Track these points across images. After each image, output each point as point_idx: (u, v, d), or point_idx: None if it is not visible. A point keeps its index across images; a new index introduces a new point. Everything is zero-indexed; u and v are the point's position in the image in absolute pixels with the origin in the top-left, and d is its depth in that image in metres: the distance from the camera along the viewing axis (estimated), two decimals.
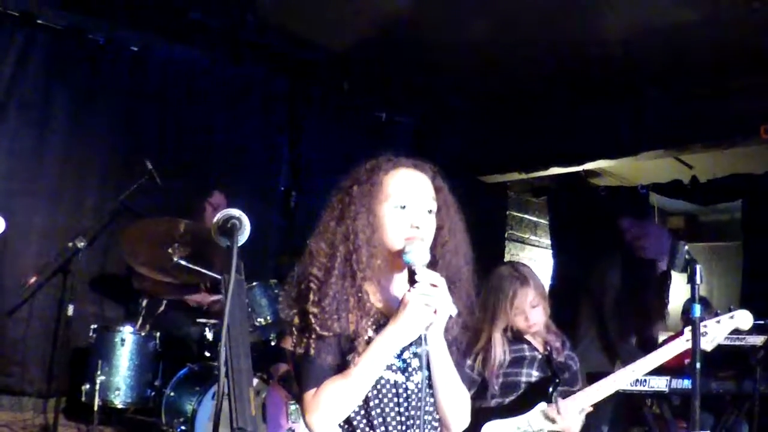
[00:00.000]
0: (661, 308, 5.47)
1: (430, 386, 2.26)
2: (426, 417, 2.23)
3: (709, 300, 6.69)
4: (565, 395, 3.62)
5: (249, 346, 1.61)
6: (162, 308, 5.53)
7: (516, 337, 3.79)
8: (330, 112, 7.41)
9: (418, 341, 2.11)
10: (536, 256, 9.19)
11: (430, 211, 2.26)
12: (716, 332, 3.57)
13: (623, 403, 4.94)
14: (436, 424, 2.30)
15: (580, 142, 7.28)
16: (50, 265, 5.58)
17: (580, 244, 7.95)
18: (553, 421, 3.56)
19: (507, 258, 8.51)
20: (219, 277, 2.11)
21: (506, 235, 8.81)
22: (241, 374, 1.50)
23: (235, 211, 1.87)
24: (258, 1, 5.93)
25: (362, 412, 2.17)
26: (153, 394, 5.08)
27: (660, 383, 4.49)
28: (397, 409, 2.20)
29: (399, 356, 2.22)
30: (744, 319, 3.59)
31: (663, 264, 5.33)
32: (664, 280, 5.38)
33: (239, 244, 1.84)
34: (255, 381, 4.71)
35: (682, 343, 3.53)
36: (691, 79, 6.48)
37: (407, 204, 2.23)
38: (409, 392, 2.21)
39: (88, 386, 4.94)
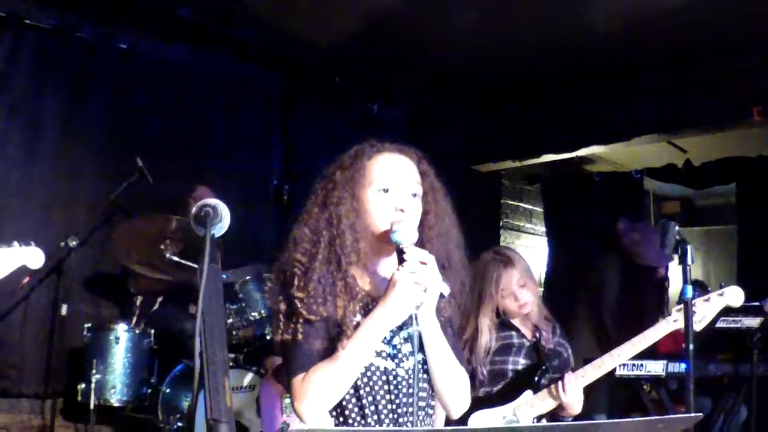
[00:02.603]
0: (659, 313, 5.47)
1: (425, 371, 2.23)
2: (420, 403, 2.20)
3: (706, 284, 6.69)
4: (555, 382, 3.60)
5: (225, 337, 1.59)
6: (157, 305, 5.52)
7: (504, 324, 3.78)
8: (321, 105, 7.38)
9: (409, 324, 2.09)
10: (532, 243, 9.18)
11: (414, 195, 2.25)
12: (706, 310, 3.54)
13: (620, 389, 4.93)
14: (430, 410, 2.28)
15: (572, 129, 7.28)
16: (43, 265, 5.55)
17: (574, 231, 7.95)
18: (557, 397, 3.53)
19: None
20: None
21: (501, 224, 8.80)
22: (216, 365, 1.48)
23: (211, 200, 1.84)
24: None
25: (353, 399, 2.15)
26: (149, 391, 5.08)
27: (657, 368, 4.48)
28: (388, 396, 2.17)
29: (389, 342, 2.20)
30: (735, 295, 3.55)
31: (662, 270, 5.30)
32: (662, 285, 5.37)
33: (219, 233, 1.81)
34: (250, 375, 4.72)
35: (669, 324, 3.50)
36: (682, 63, 6.46)
37: (390, 187, 2.22)
38: (399, 379, 2.19)
39: (83, 386, 4.93)
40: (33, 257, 3.83)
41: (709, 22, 5.74)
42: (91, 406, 4.84)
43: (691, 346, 2.98)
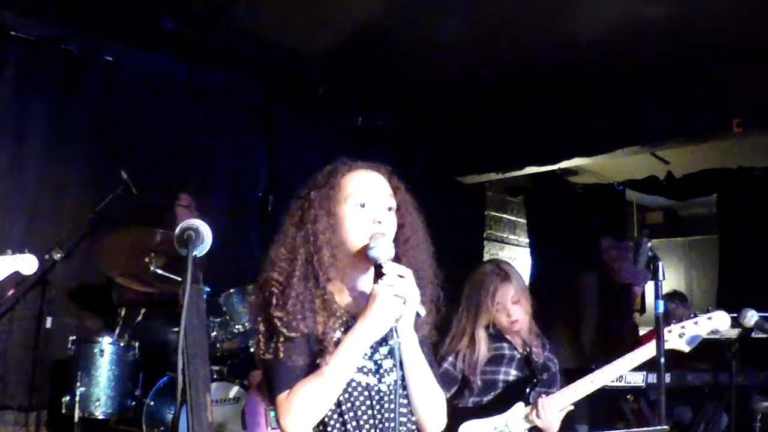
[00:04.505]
0: (634, 331, 5.54)
1: (404, 386, 2.25)
2: (401, 419, 2.22)
3: (686, 294, 6.75)
4: (545, 396, 3.63)
5: (207, 353, 1.62)
6: (140, 318, 5.53)
7: (497, 335, 3.82)
8: (306, 116, 7.41)
9: (390, 337, 2.12)
10: (515, 255, 9.23)
11: (389, 208, 2.29)
12: (694, 333, 3.61)
13: (602, 399, 4.97)
14: (411, 426, 2.29)
15: (555, 141, 7.33)
16: (28, 277, 5.55)
17: (557, 242, 8.00)
18: (531, 421, 3.58)
19: (486, 258, 8.54)
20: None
21: (485, 235, 8.85)
22: (197, 381, 1.52)
23: (195, 222, 1.88)
24: (231, 8, 5.93)
25: (335, 416, 2.16)
26: (133, 404, 5.07)
27: (637, 378, 4.52)
28: (370, 411, 2.19)
29: (370, 358, 2.22)
30: (722, 320, 3.62)
31: (638, 289, 5.37)
32: (638, 307, 5.44)
33: (201, 253, 1.85)
34: (234, 388, 4.73)
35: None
36: (663, 75, 6.54)
37: (366, 201, 2.26)
38: (381, 394, 2.21)
39: (68, 398, 4.93)
40: (27, 264, 3.88)
41: (690, 35, 5.81)
42: (76, 419, 4.84)
43: (662, 359, 3.04)
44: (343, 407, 2.17)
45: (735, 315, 4.19)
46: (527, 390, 3.68)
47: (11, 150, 5.77)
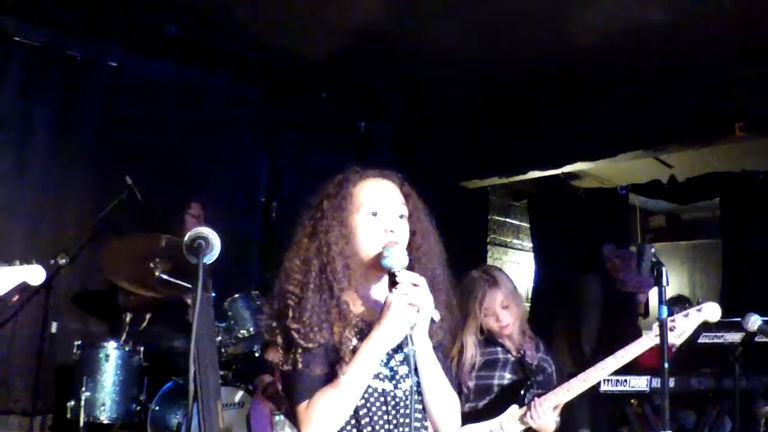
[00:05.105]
0: (638, 337, 5.54)
1: (419, 392, 2.27)
2: (415, 424, 2.24)
3: (690, 298, 6.75)
4: (539, 397, 3.65)
5: (217, 361, 1.64)
6: (146, 323, 5.54)
7: (489, 339, 3.85)
8: (309, 121, 7.41)
9: (405, 344, 2.13)
10: (519, 259, 9.23)
11: (401, 216, 2.30)
12: (684, 326, 3.62)
13: (605, 404, 4.97)
14: (424, 431, 2.32)
15: (557, 145, 7.32)
16: None
17: (560, 246, 8.01)
18: (526, 423, 3.60)
19: (490, 262, 8.54)
20: None
21: (488, 240, 8.85)
22: (208, 388, 1.53)
23: (204, 230, 1.91)
24: (235, 13, 5.94)
25: (352, 421, 2.18)
26: (138, 408, 5.09)
27: (640, 383, 4.53)
28: (386, 417, 2.21)
29: (386, 364, 2.24)
30: (712, 311, 3.63)
31: (642, 297, 5.37)
32: (639, 309, 5.43)
33: (210, 261, 1.87)
34: (240, 393, 4.75)
35: (651, 339, 3.58)
36: (665, 79, 6.54)
37: (378, 211, 2.27)
38: (397, 400, 2.23)
39: (73, 403, 4.94)
40: (34, 274, 3.88)
41: (693, 38, 5.80)
42: (81, 423, 4.86)
43: (666, 364, 3.05)
44: (360, 413, 2.19)
45: (739, 319, 4.20)
46: (522, 392, 3.71)
47: (15, 155, 5.79)
